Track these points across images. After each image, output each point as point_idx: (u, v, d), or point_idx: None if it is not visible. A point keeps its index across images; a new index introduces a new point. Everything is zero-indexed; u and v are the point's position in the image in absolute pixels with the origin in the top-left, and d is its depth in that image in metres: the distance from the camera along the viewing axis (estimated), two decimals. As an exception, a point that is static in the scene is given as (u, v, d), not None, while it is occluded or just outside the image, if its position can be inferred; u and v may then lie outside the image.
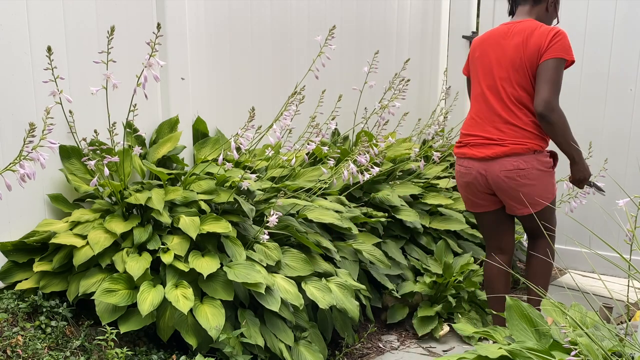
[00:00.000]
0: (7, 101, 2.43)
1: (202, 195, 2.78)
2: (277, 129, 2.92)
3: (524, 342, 2.02)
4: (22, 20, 2.46)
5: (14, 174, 1.99)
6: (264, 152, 3.17)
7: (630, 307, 3.02)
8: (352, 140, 4.03)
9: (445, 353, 3.11)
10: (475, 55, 2.88)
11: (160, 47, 2.85)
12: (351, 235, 3.24)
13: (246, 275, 2.51)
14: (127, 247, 2.52)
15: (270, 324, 2.62)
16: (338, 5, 4.08)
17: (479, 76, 2.85)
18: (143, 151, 2.99)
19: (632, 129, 3.95)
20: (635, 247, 1.70)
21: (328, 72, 3.29)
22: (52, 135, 2.08)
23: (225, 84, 3.46)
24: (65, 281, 2.47)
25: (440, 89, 4.93)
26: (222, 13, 3.37)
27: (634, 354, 1.81)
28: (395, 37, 4.61)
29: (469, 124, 2.91)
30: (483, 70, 2.83)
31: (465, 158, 2.88)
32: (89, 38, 2.72)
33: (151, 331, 2.52)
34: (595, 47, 4.03)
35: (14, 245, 2.50)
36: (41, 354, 2.19)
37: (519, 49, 2.70)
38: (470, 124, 2.89)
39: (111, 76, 2.36)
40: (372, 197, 3.58)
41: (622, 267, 1.80)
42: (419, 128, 4.54)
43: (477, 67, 2.87)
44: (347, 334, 2.99)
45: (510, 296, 2.22)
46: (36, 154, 1.99)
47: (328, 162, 3.33)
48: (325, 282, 2.83)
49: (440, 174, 4.10)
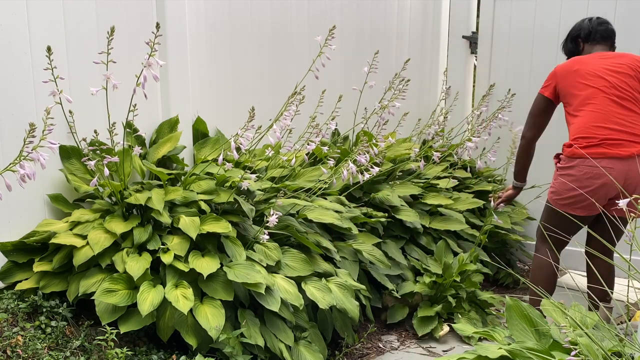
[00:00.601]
0: (7, 101, 2.43)
1: (202, 196, 2.78)
2: (277, 129, 2.92)
3: (524, 342, 2.02)
4: (22, 20, 2.46)
5: (14, 174, 1.99)
6: (264, 152, 3.16)
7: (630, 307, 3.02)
8: (352, 140, 4.03)
9: (445, 353, 3.11)
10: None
11: (160, 47, 2.85)
12: (351, 235, 3.24)
13: (246, 276, 2.51)
14: (127, 247, 2.52)
15: (270, 324, 2.62)
16: (338, 6, 4.08)
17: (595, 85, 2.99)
18: (143, 151, 2.99)
19: (632, 129, 3.94)
20: (635, 247, 1.70)
21: (328, 72, 3.28)
22: (52, 135, 2.08)
23: (225, 83, 3.46)
24: (65, 281, 2.47)
25: (440, 89, 4.93)
26: (222, 13, 3.37)
27: (634, 354, 1.81)
28: (395, 37, 4.61)
29: (602, 122, 2.91)
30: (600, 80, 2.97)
31: (605, 158, 2.85)
32: (89, 38, 2.72)
33: (151, 331, 2.52)
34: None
35: (14, 245, 2.50)
36: (41, 354, 2.19)
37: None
38: (596, 125, 2.90)
39: (111, 76, 2.36)
40: (372, 197, 3.58)
41: (622, 267, 1.80)
42: (419, 128, 4.54)
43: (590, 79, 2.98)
44: (347, 334, 2.99)
45: (510, 296, 2.22)
46: (36, 154, 1.99)
47: (328, 162, 3.33)
48: (325, 282, 2.83)
49: (440, 174, 4.10)
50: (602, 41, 3.14)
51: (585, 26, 3.16)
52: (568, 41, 3.24)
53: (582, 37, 3.17)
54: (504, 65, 4.47)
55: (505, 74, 4.46)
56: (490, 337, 2.23)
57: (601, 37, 3.13)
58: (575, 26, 3.23)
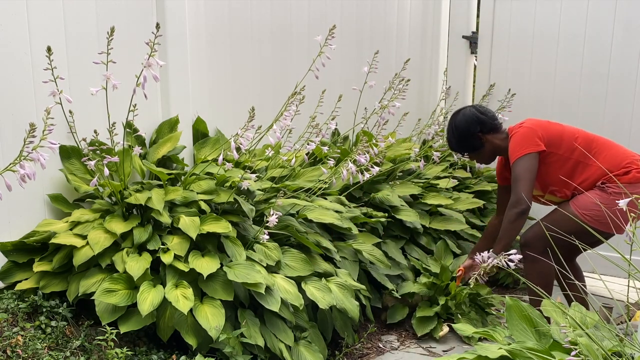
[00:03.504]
0: (7, 101, 2.43)
1: (202, 195, 2.78)
2: (277, 129, 2.92)
3: (524, 342, 2.02)
4: (22, 20, 2.46)
5: (14, 174, 1.99)
6: (264, 152, 3.16)
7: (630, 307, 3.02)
8: (352, 140, 4.03)
9: (445, 353, 3.11)
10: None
11: (160, 47, 2.85)
12: (351, 235, 3.24)
13: (246, 275, 2.51)
14: (127, 247, 2.52)
15: (270, 324, 2.62)
16: (338, 5, 4.08)
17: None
18: (143, 151, 2.99)
19: (632, 130, 3.95)
20: (636, 247, 1.70)
21: (328, 72, 3.28)
22: (52, 135, 2.08)
23: (225, 83, 3.46)
24: (65, 281, 2.47)
25: (440, 89, 4.93)
26: (222, 13, 3.37)
27: (634, 354, 1.81)
28: (395, 37, 4.60)
29: (617, 146, 3.03)
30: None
31: None
32: (89, 38, 2.72)
33: (151, 331, 2.52)
34: (595, 47, 4.03)
35: (14, 245, 2.50)
36: (41, 354, 2.19)
37: None
38: (619, 145, 3.04)
39: (111, 76, 2.36)
40: (372, 197, 3.58)
41: (622, 267, 1.80)
42: (419, 128, 4.54)
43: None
44: (347, 334, 2.98)
45: (510, 296, 2.22)
46: (36, 154, 1.99)
47: (328, 162, 3.33)
48: (325, 282, 2.83)
49: (440, 174, 4.10)
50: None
51: (482, 119, 3.11)
52: (469, 140, 3.14)
53: (484, 130, 3.12)
54: (504, 65, 4.47)
55: (505, 74, 4.46)
56: (490, 337, 2.23)
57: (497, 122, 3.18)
58: (464, 125, 3.12)
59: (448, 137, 3.25)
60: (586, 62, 4.05)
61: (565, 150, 3.01)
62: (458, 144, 3.19)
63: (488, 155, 3.21)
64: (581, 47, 4.05)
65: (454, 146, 3.24)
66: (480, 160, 3.27)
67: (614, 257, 1.81)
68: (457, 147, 3.22)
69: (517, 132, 3.05)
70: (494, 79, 4.51)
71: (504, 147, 3.11)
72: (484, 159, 3.25)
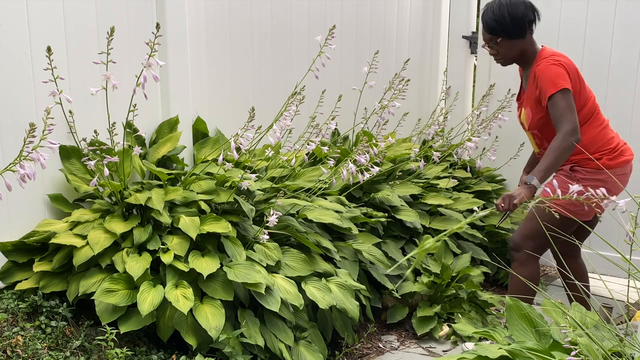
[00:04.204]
0: (7, 101, 2.43)
1: (202, 196, 2.78)
2: (277, 129, 2.92)
3: (524, 342, 2.02)
4: (22, 20, 2.46)
5: (14, 174, 1.99)
6: (264, 152, 3.17)
7: (630, 307, 3.02)
8: (352, 140, 4.03)
9: (445, 353, 3.11)
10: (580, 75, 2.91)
11: (160, 47, 2.85)
12: (351, 235, 3.24)
13: (246, 275, 2.51)
14: (127, 247, 2.52)
15: (270, 324, 2.62)
16: (338, 5, 4.08)
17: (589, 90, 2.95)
18: (143, 151, 2.99)
19: (632, 129, 3.95)
20: (636, 247, 1.70)
21: (328, 72, 3.29)
22: (52, 135, 2.08)
23: (225, 83, 3.46)
24: (65, 281, 2.47)
25: (440, 89, 4.93)
26: (222, 13, 3.37)
27: (634, 354, 1.81)
28: (395, 37, 4.61)
29: (609, 130, 2.96)
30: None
31: (630, 162, 2.95)
32: (89, 38, 2.72)
33: (151, 331, 2.52)
34: (595, 47, 4.02)
35: (14, 245, 2.50)
36: (41, 354, 2.19)
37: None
38: (610, 131, 2.96)
39: (111, 76, 2.36)
40: (372, 197, 3.58)
41: (622, 267, 1.80)
42: (419, 128, 4.54)
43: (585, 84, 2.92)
44: (347, 334, 2.98)
45: (510, 296, 2.22)
46: (36, 154, 1.99)
47: (328, 162, 3.33)
48: (325, 282, 2.83)
49: (440, 174, 4.10)
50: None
51: (536, 18, 2.83)
52: (515, 22, 2.78)
53: (532, 27, 2.83)
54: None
55: (505, 74, 4.46)
56: (490, 337, 2.23)
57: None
58: (522, 7, 2.78)
59: (491, 9, 2.80)
60: (586, 62, 4.05)
61: (575, 104, 2.82)
62: (501, 19, 2.76)
63: (515, 54, 2.86)
64: (581, 47, 4.05)
65: (492, 21, 2.78)
66: (502, 55, 2.89)
67: (614, 257, 1.82)
68: (496, 24, 2.78)
69: (557, 61, 2.76)
70: (494, 79, 4.50)
71: (530, 58, 2.85)
72: (506, 56, 2.89)
